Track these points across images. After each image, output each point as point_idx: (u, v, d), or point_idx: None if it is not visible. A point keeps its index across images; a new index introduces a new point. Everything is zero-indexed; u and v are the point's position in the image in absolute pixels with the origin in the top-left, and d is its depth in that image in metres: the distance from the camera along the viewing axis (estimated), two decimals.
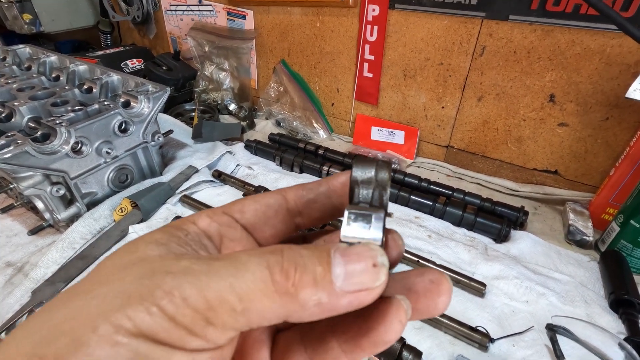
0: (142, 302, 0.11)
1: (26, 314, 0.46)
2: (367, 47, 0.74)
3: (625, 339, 0.41)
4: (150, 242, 0.14)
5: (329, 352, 0.15)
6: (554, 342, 0.41)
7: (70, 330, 0.11)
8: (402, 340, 0.40)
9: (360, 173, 0.15)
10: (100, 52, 1.04)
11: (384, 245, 0.14)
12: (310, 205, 0.17)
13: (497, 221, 0.58)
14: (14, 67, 0.75)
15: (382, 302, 0.13)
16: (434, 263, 0.51)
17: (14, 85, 0.65)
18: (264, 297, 0.12)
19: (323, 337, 0.15)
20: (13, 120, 0.58)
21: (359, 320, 0.14)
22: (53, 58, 0.77)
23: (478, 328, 0.43)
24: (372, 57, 0.75)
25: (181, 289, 0.12)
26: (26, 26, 1.04)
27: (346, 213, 0.14)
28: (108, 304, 0.11)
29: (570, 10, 0.53)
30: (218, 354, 0.13)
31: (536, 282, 0.49)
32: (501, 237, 0.57)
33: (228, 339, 0.12)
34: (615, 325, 0.44)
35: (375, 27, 0.71)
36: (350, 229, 0.14)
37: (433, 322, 0.44)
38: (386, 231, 0.16)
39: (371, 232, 0.14)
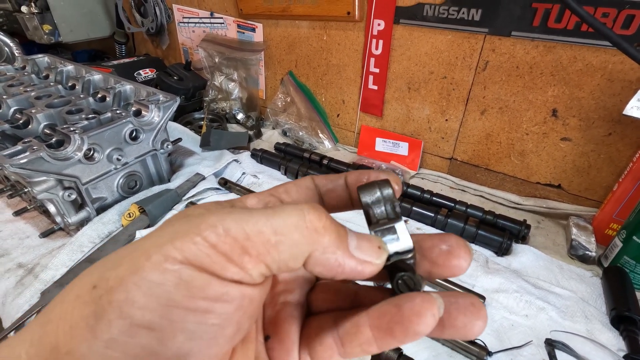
0: (189, 234, 0.13)
1: (35, 314, 0.48)
2: (372, 60, 0.76)
3: (625, 357, 0.40)
4: (199, 207, 0.16)
5: (360, 335, 0.15)
6: (552, 357, 0.41)
7: (129, 259, 0.13)
8: (398, 350, 0.40)
9: (369, 197, 0.17)
10: (115, 62, 1.08)
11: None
12: (329, 194, 0.20)
13: (498, 234, 0.58)
14: (33, 75, 0.78)
15: (418, 296, 0.14)
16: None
17: (32, 94, 0.67)
18: (296, 230, 0.14)
19: (357, 320, 0.16)
20: (30, 127, 0.61)
21: (394, 309, 0.15)
22: (70, 67, 0.80)
23: (476, 341, 0.43)
24: (377, 70, 0.76)
25: (224, 223, 0.13)
26: (46, 36, 1.08)
27: (372, 233, 0.16)
28: (161, 239, 0.13)
29: (571, 27, 0.53)
30: (249, 292, 0.14)
31: (536, 297, 0.49)
32: (502, 251, 0.57)
33: (260, 274, 0.14)
34: (615, 342, 0.44)
35: (381, 41, 0.73)
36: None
37: None
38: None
39: (402, 241, 0.16)
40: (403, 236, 0.16)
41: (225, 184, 0.72)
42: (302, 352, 0.18)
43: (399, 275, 0.16)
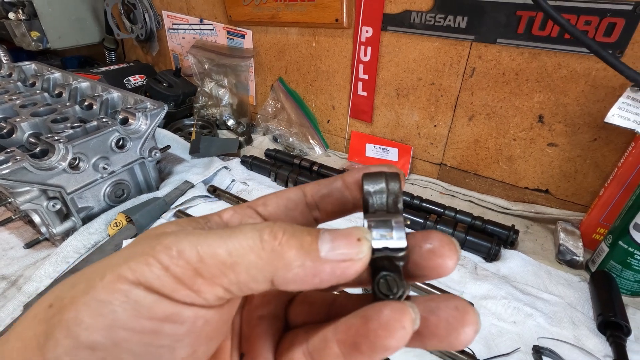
0: (143, 256, 0.13)
1: None
2: (361, 66, 0.76)
3: None
4: (172, 224, 0.16)
5: (328, 351, 0.14)
6: None
7: (86, 279, 0.13)
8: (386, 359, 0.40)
9: (372, 186, 0.16)
10: (105, 68, 1.07)
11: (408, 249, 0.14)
12: (324, 199, 0.18)
13: (487, 240, 0.58)
14: (19, 83, 0.78)
15: (387, 306, 0.13)
16: (437, 293, 0.51)
17: (17, 102, 0.67)
18: (252, 252, 0.13)
19: (325, 335, 0.15)
20: (14, 136, 0.60)
21: (360, 321, 0.13)
22: (57, 75, 0.80)
23: (464, 349, 0.43)
24: (366, 77, 0.76)
25: (179, 245, 0.13)
26: (33, 43, 1.07)
27: (365, 223, 0.15)
28: (118, 260, 0.13)
29: (555, 34, 0.54)
30: (203, 314, 0.14)
31: (524, 303, 0.49)
32: (491, 256, 0.57)
33: (216, 297, 0.13)
34: (602, 347, 0.44)
35: (369, 48, 0.73)
36: (373, 235, 0.14)
37: None
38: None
39: (395, 237, 0.14)
40: (398, 233, 0.14)
41: (215, 191, 0.72)
42: None
43: (382, 275, 0.14)
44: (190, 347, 0.14)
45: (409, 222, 0.63)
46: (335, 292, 0.20)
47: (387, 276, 0.14)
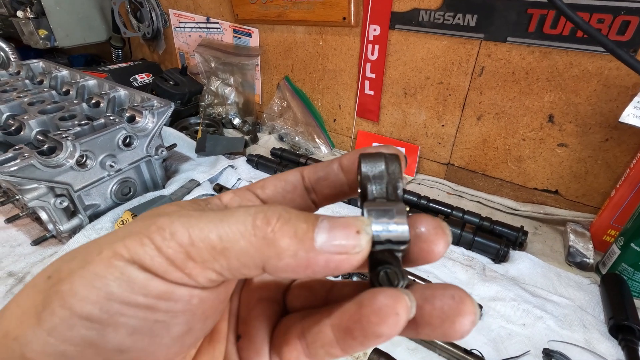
0: (138, 235, 0.13)
1: None
2: (368, 65, 0.75)
3: None
4: (172, 204, 0.16)
5: (322, 335, 0.14)
6: None
7: (83, 254, 0.13)
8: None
9: (370, 168, 0.15)
10: (111, 66, 1.07)
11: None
12: (320, 182, 0.18)
13: (495, 241, 0.57)
14: (27, 81, 0.78)
15: (382, 292, 0.12)
16: (430, 282, 0.51)
17: (25, 99, 0.67)
18: (243, 238, 0.13)
19: (320, 320, 0.14)
20: (22, 133, 0.60)
21: (355, 307, 0.13)
22: (64, 73, 0.80)
23: (473, 351, 0.42)
24: (373, 75, 0.76)
25: (172, 226, 0.13)
26: (41, 41, 1.08)
27: (365, 211, 0.14)
28: (116, 237, 0.14)
29: (567, 33, 0.53)
30: (198, 294, 0.14)
31: (534, 305, 0.48)
32: (500, 258, 0.56)
33: (209, 280, 0.13)
34: (614, 351, 0.43)
35: (377, 47, 0.72)
36: (374, 227, 0.13)
37: (427, 344, 0.44)
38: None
39: (398, 228, 0.13)
40: (400, 224, 0.13)
41: (220, 190, 0.71)
42: (272, 353, 0.17)
43: (382, 268, 0.13)
44: (186, 324, 0.14)
45: (408, 209, 0.62)
46: (334, 279, 0.20)
47: (387, 269, 0.14)
